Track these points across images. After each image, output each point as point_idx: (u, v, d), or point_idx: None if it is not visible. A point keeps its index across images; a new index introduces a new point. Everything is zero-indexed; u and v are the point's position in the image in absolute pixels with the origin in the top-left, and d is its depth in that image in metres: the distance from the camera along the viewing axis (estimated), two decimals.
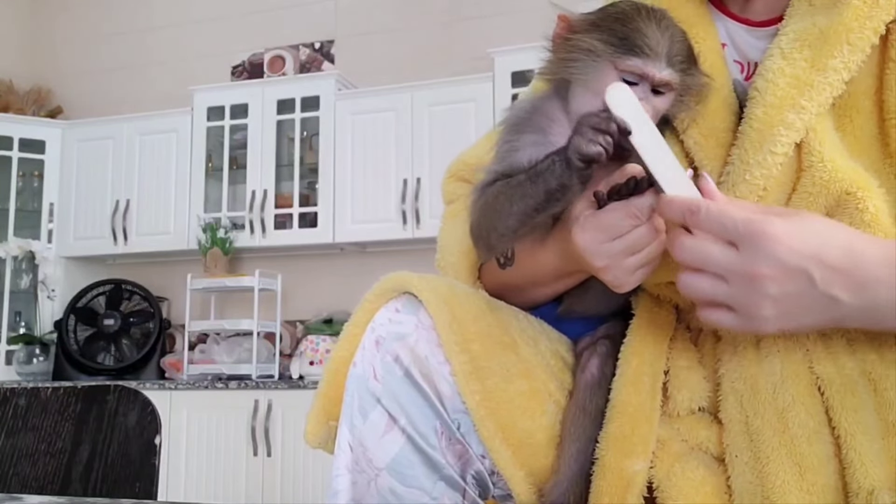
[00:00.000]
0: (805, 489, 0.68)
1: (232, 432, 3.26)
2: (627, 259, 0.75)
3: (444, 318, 0.78)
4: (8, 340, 3.76)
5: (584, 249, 0.76)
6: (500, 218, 0.81)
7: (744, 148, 0.77)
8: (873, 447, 0.68)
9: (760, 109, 0.76)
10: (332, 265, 3.79)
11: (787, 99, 0.75)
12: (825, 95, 0.75)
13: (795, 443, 0.70)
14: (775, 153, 0.75)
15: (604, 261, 0.76)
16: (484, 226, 0.84)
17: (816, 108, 0.75)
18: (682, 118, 0.82)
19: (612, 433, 0.75)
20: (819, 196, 0.74)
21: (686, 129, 0.82)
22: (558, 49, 0.83)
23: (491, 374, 0.77)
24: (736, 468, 0.72)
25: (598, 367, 0.82)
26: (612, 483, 0.73)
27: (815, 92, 0.75)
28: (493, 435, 0.76)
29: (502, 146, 0.86)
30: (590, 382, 0.81)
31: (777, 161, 0.75)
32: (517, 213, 0.79)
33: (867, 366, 0.71)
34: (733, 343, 0.77)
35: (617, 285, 0.77)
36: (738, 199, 0.74)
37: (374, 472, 0.76)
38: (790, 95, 0.75)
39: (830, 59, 0.74)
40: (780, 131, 0.75)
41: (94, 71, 4.34)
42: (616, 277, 0.77)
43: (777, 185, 0.76)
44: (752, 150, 0.76)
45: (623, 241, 0.75)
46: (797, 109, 0.75)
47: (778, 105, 0.75)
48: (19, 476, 0.96)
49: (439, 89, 3.44)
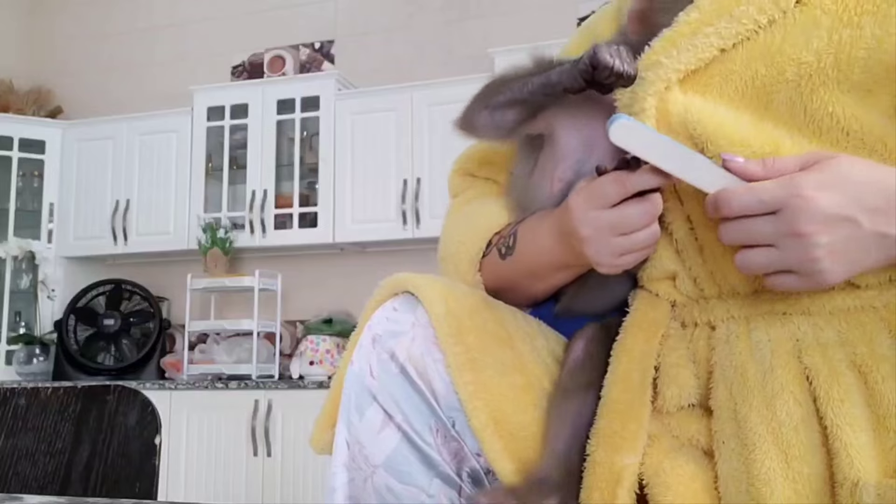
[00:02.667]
0: (791, 477, 0.68)
1: (232, 432, 3.26)
2: (613, 237, 0.75)
3: (440, 311, 0.78)
4: (8, 340, 3.77)
5: (574, 215, 0.77)
6: (492, 92, 0.86)
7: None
8: (860, 439, 0.67)
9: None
10: (332, 265, 3.79)
11: (652, 61, 0.77)
12: (689, 55, 0.75)
13: (782, 431, 0.69)
14: (635, 112, 0.76)
15: (588, 230, 0.76)
16: (478, 99, 0.88)
17: (676, 65, 0.76)
18: None
19: (602, 429, 0.75)
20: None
21: None
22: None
23: (485, 367, 0.78)
24: (723, 455, 0.72)
25: (583, 348, 0.82)
26: (602, 478, 0.73)
27: (678, 51, 0.76)
28: (485, 426, 0.76)
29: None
30: (573, 363, 0.81)
31: (644, 119, 0.76)
32: (509, 90, 0.84)
33: (857, 358, 0.71)
34: (726, 333, 0.77)
35: (597, 262, 0.77)
36: (772, 158, 0.73)
37: (371, 470, 0.77)
38: (656, 57, 0.77)
39: (707, 26, 0.76)
40: (636, 91, 0.76)
41: (94, 71, 4.34)
42: (598, 253, 0.77)
43: None
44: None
45: (610, 214, 0.75)
46: (655, 67, 0.76)
47: (643, 68, 0.77)
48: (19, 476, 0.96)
49: (439, 89, 3.44)
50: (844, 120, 0.72)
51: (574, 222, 0.77)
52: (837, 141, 0.73)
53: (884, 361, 0.70)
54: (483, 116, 0.88)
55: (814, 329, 0.73)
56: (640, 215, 0.75)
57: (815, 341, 0.73)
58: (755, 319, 0.76)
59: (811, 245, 0.67)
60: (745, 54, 0.76)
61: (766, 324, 0.75)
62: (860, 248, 0.68)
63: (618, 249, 0.76)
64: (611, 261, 0.77)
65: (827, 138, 0.73)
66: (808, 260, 0.68)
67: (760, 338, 0.75)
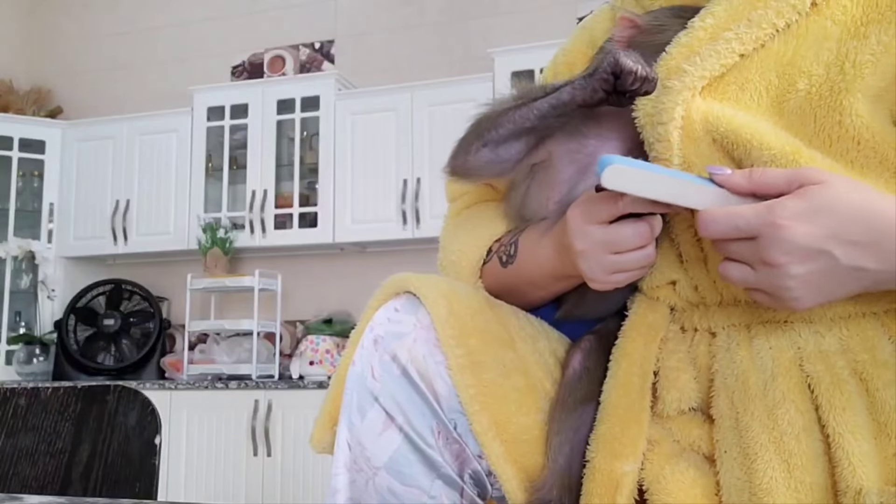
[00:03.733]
0: (793, 487, 0.68)
1: (232, 432, 3.26)
2: (606, 255, 0.75)
3: (442, 313, 0.78)
4: (8, 340, 3.76)
5: (570, 228, 0.77)
6: (485, 128, 0.83)
7: (642, 127, 0.78)
8: (862, 447, 0.67)
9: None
10: (332, 265, 3.79)
11: (674, 68, 0.76)
12: (711, 61, 0.75)
13: (784, 440, 0.69)
14: (663, 123, 0.75)
15: (582, 244, 0.76)
16: (474, 130, 0.85)
17: (701, 72, 0.75)
18: None
19: (602, 435, 0.75)
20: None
21: None
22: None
23: (487, 369, 0.77)
24: (725, 464, 0.72)
25: (581, 361, 0.82)
26: (602, 484, 0.73)
27: (701, 58, 0.75)
28: (487, 430, 0.76)
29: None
30: (571, 377, 0.81)
31: (670, 129, 0.75)
32: (516, 118, 0.81)
33: (859, 366, 0.71)
34: (727, 340, 0.77)
35: (590, 278, 0.77)
36: (759, 170, 0.72)
37: (372, 471, 0.77)
38: (677, 64, 0.76)
39: (726, 31, 0.75)
40: (662, 101, 0.75)
41: (94, 71, 4.34)
42: (590, 269, 0.76)
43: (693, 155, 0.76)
44: (647, 126, 0.77)
45: (605, 232, 0.74)
46: (680, 74, 0.75)
47: (664, 76, 0.75)
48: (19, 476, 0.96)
49: (439, 89, 3.44)
50: (854, 129, 0.71)
51: (570, 236, 0.77)
52: (848, 150, 0.72)
53: (885, 368, 0.70)
54: (483, 154, 0.85)
55: (815, 337, 0.73)
56: (632, 236, 0.74)
57: (817, 349, 0.72)
58: (756, 327, 0.76)
59: (783, 275, 0.67)
60: (759, 63, 0.75)
61: (768, 332, 0.75)
62: (834, 281, 0.67)
63: (610, 267, 0.75)
64: (603, 277, 0.76)
65: (838, 147, 0.72)
66: (780, 287, 0.67)
67: (762, 346, 0.74)
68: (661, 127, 0.75)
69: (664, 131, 0.75)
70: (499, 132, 0.83)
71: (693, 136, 0.75)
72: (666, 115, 0.75)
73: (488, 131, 0.84)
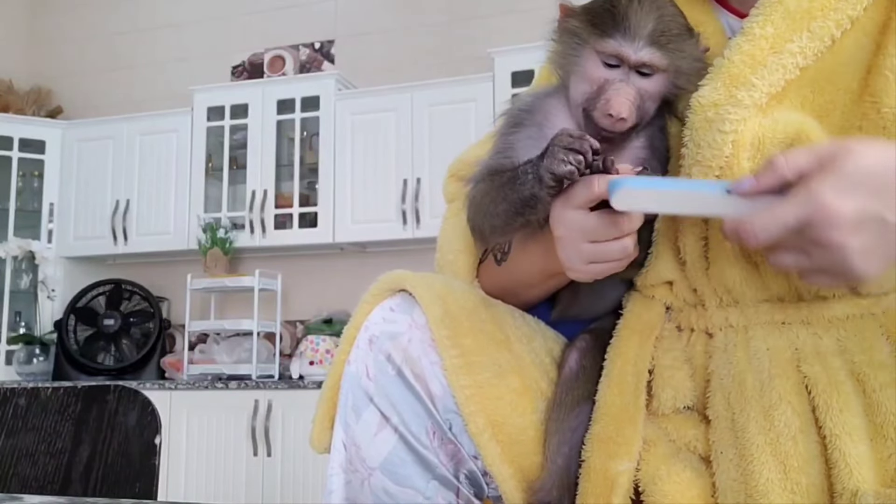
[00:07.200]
0: (789, 488, 0.68)
1: (232, 432, 3.26)
2: (583, 243, 0.74)
3: (437, 313, 0.78)
4: (8, 340, 3.76)
5: (552, 213, 0.76)
6: (488, 216, 0.82)
7: (694, 128, 0.76)
8: (859, 448, 0.67)
9: (710, 86, 0.76)
10: (332, 265, 3.79)
11: (740, 77, 0.75)
12: (777, 76, 0.74)
13: (780, 441, 0.69)
14: (724, 132, 0.74)
15: (561, 230, 0.75)
16: (476, 220, 0.85)
17: (767, 88, 0.74)
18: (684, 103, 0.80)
19: (597, 434, 0.75)
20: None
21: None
22: (555, 37, 0.83)
23: (482, 370, 0.77)
24: (721, 465, 0.72)
25: (577, 360, 0.82)
26: (598, 484, 0.73)
27: (768, 71, 0.74)
28: (483, 430, 0.76)
29: (498, 140, 0.86)
30: (567, 376, 0.81)
31: (728, 140, 0.74)
32: (501, 213, 0.80)
33: (856, 367, 0.71)
34: (724, 341, 0.77)
35: (567, 266, 0.76)
36: (782, 155, 0.70)
37: (368, 472, 0.77)
38: (743, 73, 0.74)
39: (789, 42, 0.74)
40: (729, 110, 0.74)
41: (94, 71, 4.34)
42: (568, 257, 0.76)
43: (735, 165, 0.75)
44: (702, 129, 0.75)
45: (583, 218, 0.73)
46: (748, 87, 0.74)
47: (729, 83, 0.74)
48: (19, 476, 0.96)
49: (439, 89, 3.44)
50: (883, 120, 0.72)
51: (552, 221, 0.76)
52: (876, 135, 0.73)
53: (882, 369, 0.70)
54: (495, 237, 0.86)
55: (813, 338, 0.73)
56: (608, 225, 0.72)
57: (814, 350, 0.72)
58: (753, 328, 0.76)
59: (842, 252, 0.64)
60: (809, 77, 0.75)
61: (765, 333, 0.75)
62: (889, 243, 0.66)
63: (587, 256, 0.74)
64: (579, 266, 0.75)
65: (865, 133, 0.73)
66: (841, 265, 0.65)
67: (759, 347, 0.74)
68: (720, 135, 0.74)
69: (721, 140, 0.74)
70: (484, 229, 0.85)
71: (745, 150, 0.74)
72: (729, 125, 0.74)
73: (487, 225, 0.84)
